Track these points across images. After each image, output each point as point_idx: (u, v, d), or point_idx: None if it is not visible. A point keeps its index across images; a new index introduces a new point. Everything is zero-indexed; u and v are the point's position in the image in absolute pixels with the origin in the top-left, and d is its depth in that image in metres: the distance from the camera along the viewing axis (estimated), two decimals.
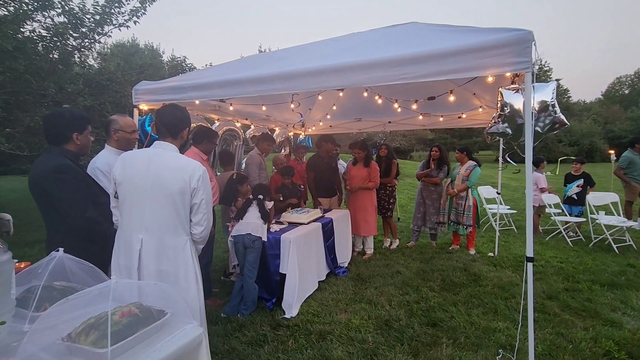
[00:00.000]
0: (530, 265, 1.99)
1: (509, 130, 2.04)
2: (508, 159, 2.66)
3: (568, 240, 5.70)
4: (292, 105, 4.25)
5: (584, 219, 6.07)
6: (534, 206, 6.46)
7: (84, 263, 1.69)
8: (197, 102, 3.48)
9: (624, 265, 4.63)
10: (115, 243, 1.93)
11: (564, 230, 5.90)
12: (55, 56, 5.93)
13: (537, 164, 6.66)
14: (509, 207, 7.18)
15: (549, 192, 6.50)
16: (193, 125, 4.38)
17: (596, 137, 36.73)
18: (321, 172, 4.98)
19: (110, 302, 1.37)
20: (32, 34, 5.77)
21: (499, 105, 2.05)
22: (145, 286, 1.73)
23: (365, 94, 3.97)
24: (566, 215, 6.14)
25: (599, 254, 5.17)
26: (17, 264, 1.82)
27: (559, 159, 15.65)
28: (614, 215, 5.85)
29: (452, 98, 3.82)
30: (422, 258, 4.94)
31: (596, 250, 5.36)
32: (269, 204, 3.61)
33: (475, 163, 5.21)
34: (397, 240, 5.60)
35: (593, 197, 5.85)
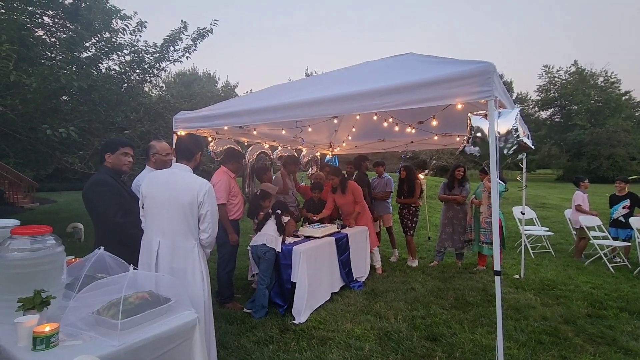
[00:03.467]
0: (498, 278, 2.10)
1: (477, 152, 2.21)
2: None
3: (609, 265, 5.31)
4: (310, 129, 4.66)
5: (629, 244, 5.60)
6: (574, 228, 6.17)
7: (118, 259, 2.16)
8: (225, 127, 4.02)
9: None
10: (141, 244, 2.41)
11: (605, 256, 5.49)
12: (122, 90, 7.04)
13: (577, 183, 6.33)
14: (546, 228, 6.82)
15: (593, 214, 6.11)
16: (224, 147, 4.98)
17: None
18: (366, 186, 5.41)
19: (125, 287, 1.79)
20: (107, 70, 6.94)
21: (468, 128, 2.23)
22: (160, 279, 2.16)
23: (375, 118, 4.25)
24: (609, 239, 5.71)
25: None
26: (72, 260, 2.38)
27: (629, 178, 14.12)
28: None
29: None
30: (442, 277, 4.95)
31: None
32: (286, 219, 3.99)
33: (500, 181, 5.16)
34: (416, 260, 5.62)
35: (636, 220, 5.40)
